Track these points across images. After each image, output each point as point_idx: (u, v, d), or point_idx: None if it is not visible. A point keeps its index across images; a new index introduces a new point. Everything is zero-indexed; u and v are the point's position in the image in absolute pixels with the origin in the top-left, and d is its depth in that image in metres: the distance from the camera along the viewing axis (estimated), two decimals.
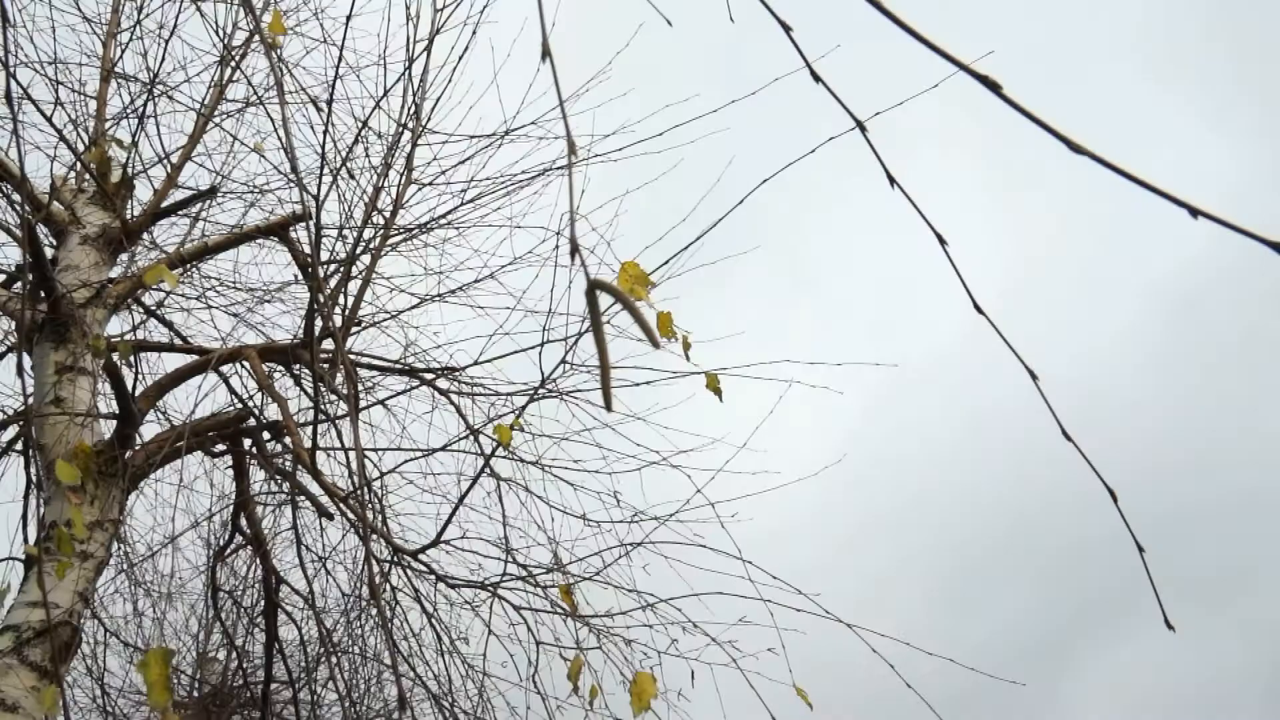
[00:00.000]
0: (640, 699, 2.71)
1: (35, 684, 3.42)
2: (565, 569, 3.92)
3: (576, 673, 3.19)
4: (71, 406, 3.84)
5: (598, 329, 0.74)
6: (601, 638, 4.33)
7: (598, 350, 0.75)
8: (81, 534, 3.32)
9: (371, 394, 4.66)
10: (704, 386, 3.22)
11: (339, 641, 4.88)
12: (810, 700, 3.09)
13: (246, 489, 4.12)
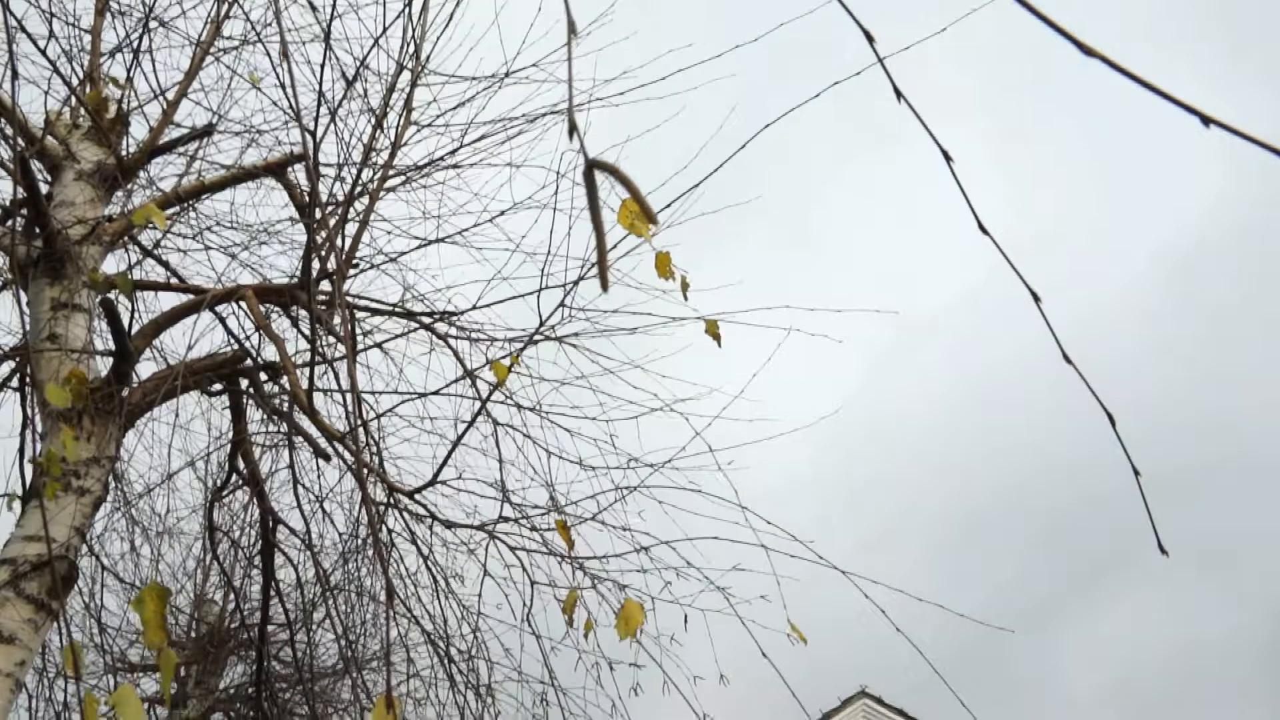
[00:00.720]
0: (628, 625, 2.73)
1: (32, 616, 3.43)
2: (562, 510, 3.93)
3: (571, 606, 3.21)
4: (67, 343, 3.82)
5: (595, 210, 0.72)
6: (596, 583, 4.36)
7: (595, 232, 0.73)
8: (73, 456, 3.31)
9: (369, 337, 4.65)
10: (703, 332, 3.20)
11: (336, 583, 4.90)
12: (804, 635, 3.10)
13: (244, 429, 4.12)
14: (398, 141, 4.25)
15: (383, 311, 4.49)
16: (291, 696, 7.10)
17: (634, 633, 2.76)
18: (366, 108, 4.32)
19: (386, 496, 3.95)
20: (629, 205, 2.23)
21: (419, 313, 4.46)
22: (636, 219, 2.08)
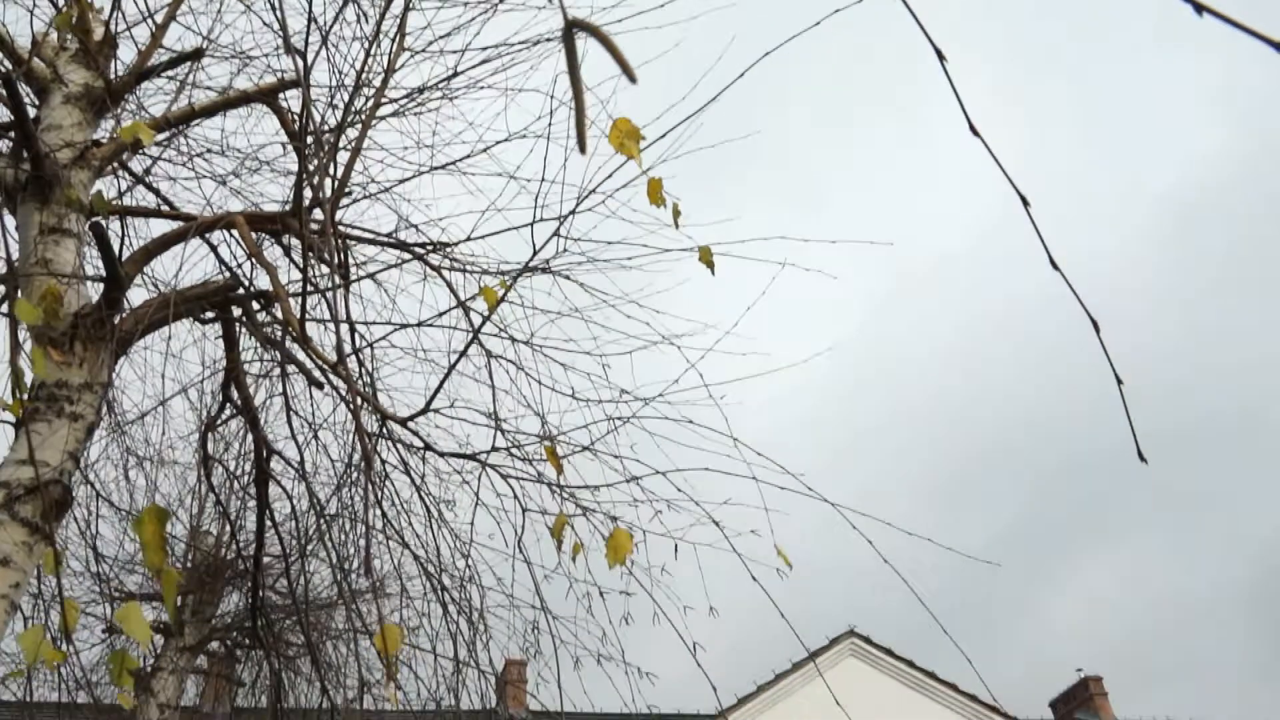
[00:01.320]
0: (617, 552, 2.75)
1: (26, 539, 3.46)
2: (554, 438, 3.94)
3: (560, 529, 3.23)
4: (57, 268, 3.80)
5: (574, 71, 0.70)
6: (587, 513, 4.39)
7: (574, 93, 0.72)
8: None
9: (362, 268, 4.62)
10: (697, 260, 3.18)
11: (330, 512, 4.93)
12: (789, 561, 3.13)
13: (236, 358, 4.11)
14: (390, 68, 4.19)
15: (376, 242, 4.47)
16: (287, 626, 7.19)
17: (623, 560, 2.78)
18: (359, 33, 4.25)
19: (379, 425, 3.96)
20: (620, 126, 2.20)
21: (412, 243, 4.43)
22: (626, 138, 2.05)
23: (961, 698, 18.16)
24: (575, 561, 3.42)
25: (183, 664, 6.97)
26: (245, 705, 8.36)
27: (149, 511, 2.40)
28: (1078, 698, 30.90)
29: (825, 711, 17.12)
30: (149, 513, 2.43)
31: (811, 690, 17.17)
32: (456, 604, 4.42)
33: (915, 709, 17.86)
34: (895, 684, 18.03)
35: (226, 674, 7.89)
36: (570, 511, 3.83)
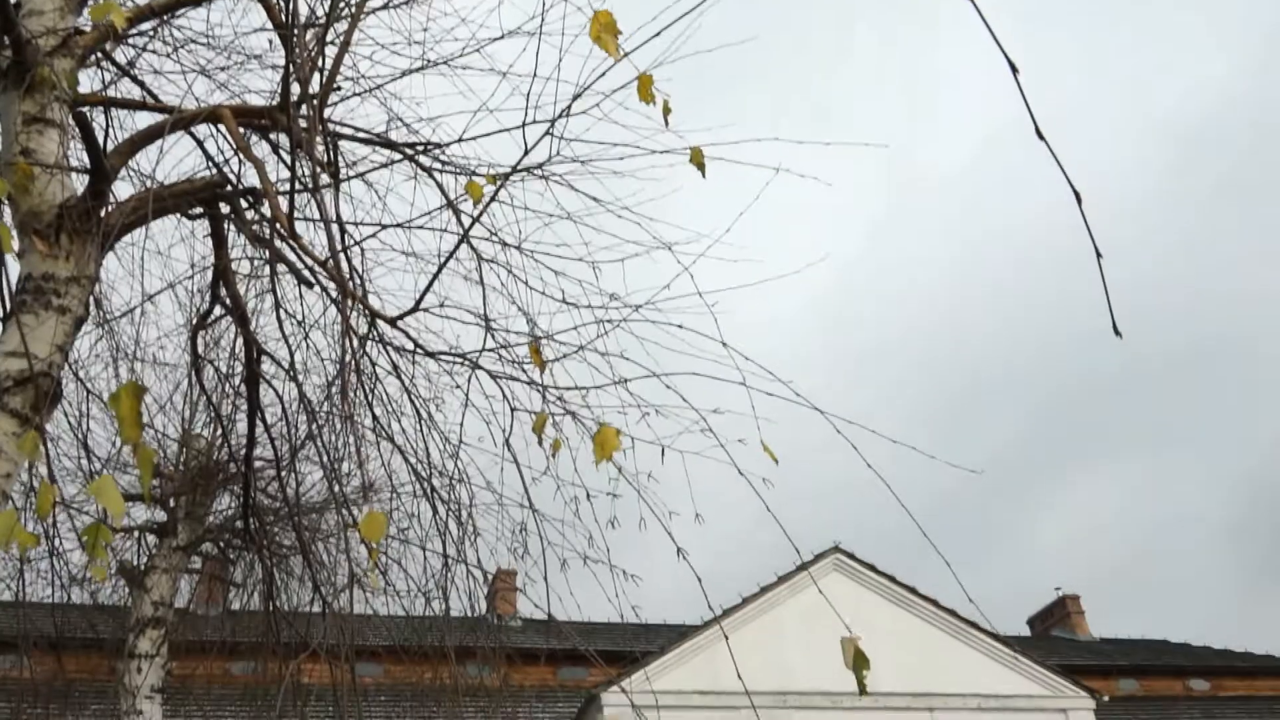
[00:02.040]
0: (603, 449, 2.77)
1: (15, 430, 3.48)
2: (540, 338, 3.94)
3: (541, 426, 3.26)
4: (39, 159, 3.75)
5: None
6: (576, 417, 4.42)
7: None
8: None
9: (352, 168, 4.56)
10: (689, 162, 3.14)
11: (321, 414, 4.95)
12: (775, 456, 3.16)
13: (225, 256, 4.08)
14: None
15: (365, 140, 4.40)
16: (279, 530, 7.28)
17: (609, 456, 2.80)
18: None
19: (368, 323, 3.95)
20: (599, 19, 2.15)
21: (402, 143, 4.37)
22: (604, 32, 2.01)
23: (942, 612, 18.56)
24: (556, 459, 3.45)
25: (176, 563, 7.07)
26: (239, 609, 8.51)
27: (126, 387, 2.41)
28: (1055, 615, 31.63)
29: (808, 623, 17.53)
30: (126, 388, 2.43)
31: (795, 603, 17.52)
32: (446, 504, 4.48)
33: (896, 622, 18.26)
34: (877, 598, 18.40)
35: (219, 574, 8.02)
36: (557, 413, 3.85)
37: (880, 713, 17.18)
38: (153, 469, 7.17)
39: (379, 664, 14.26)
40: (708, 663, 16.32)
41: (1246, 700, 27.09)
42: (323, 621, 4.96)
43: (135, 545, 7.43)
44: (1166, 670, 27.81)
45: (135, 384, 2.39)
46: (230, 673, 12.43)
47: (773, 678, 16.38)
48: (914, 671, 17.67)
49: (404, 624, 6.71)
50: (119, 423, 2.39)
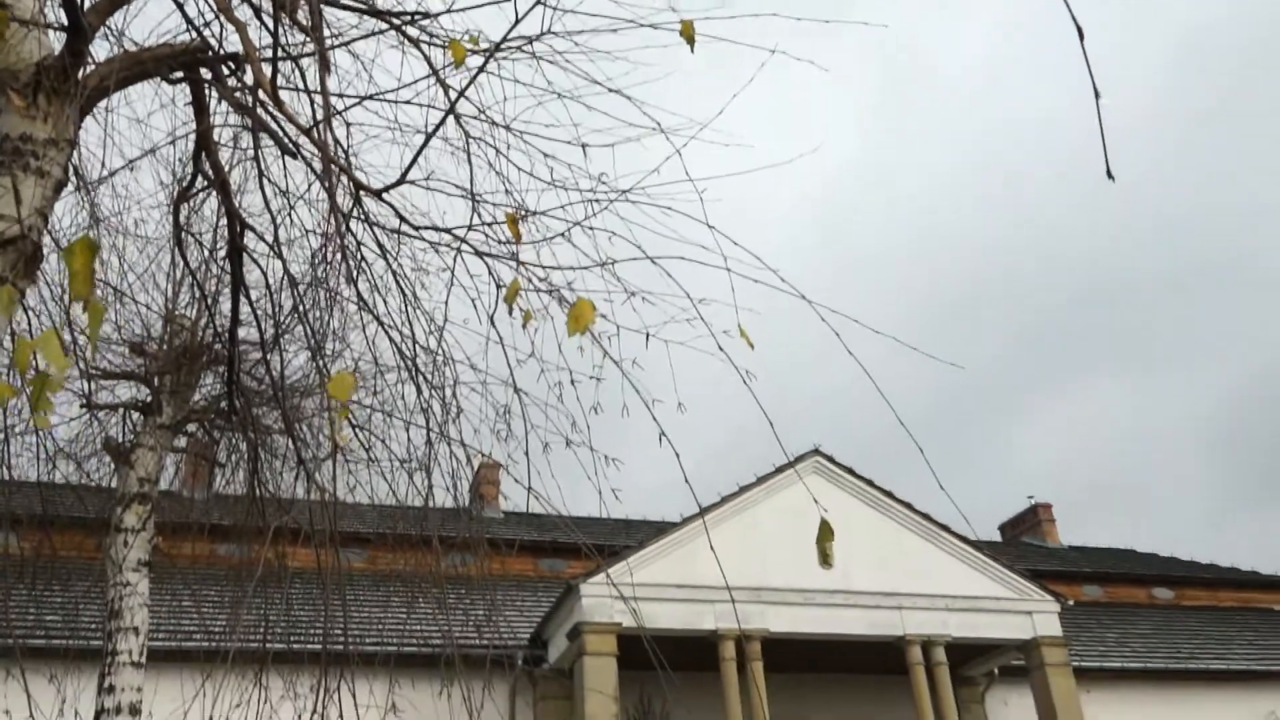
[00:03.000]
0: (578, 321, 2.77)
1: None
2: (528, 214, 3.91)
3: (514, 294, 3.25)
4: (17, 14, 3.64)
5: None
6: (562, 302, 4.42)
7: None
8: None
9: (337, 38, 4.45)
10: (679, 35, 3.07)
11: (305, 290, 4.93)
12: (751, 341, 3.18)
13: (206, 123, 4.01)
14: None
15: (350, 8, 4.28)
16: (264, 412, 7.32)
17: (584, 329, 2.80)
18: None
19: (353, 198, 3.91)
20: None
21: (389, 11, 4.26)
22: None
23: (916, 516, 18.94)
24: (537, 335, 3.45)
25: (161, 441, 7.11)
26: (225, 493, 8.60)
27: (80, 241, 2.38)
28: (1026, 522, 32.36)
29: (785, 523, 17.84)
30: (80, 242, 2.40)
31: (772, 504, 17.84)
32: (430, 384, 4.50)
33: (872, 525, 18.64)
34: (855, 501, 18.74)
35: (204, 454, 8.08)
36: (541, 291, 3.84)
37: (851, 610, 17.66)
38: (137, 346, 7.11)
39: (363, 550, 14.49)
40: (685, 558, 16.67)
41: (1208, 610, 27.96)
42: (306, 496, 5.02)
43: (120, 423, 7.46)
44: (1131, 579, 28.61)
45: (89, 239, 2.36)
46: (216, 553, 12.65)
47: (749, 574, 16.78)
48: (886, 572, 18.12)
49: (388, 512, 6.81)
50: (71, 278, 2.37)
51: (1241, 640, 25.12)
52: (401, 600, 16.23)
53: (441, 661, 6.03)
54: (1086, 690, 19.34)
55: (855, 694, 19.98)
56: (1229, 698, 22.48)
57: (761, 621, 16.73)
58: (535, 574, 22.58)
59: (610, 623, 16.25)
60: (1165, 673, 22.36)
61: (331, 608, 5.58)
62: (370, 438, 5.69)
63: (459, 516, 6.48)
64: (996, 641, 18.65)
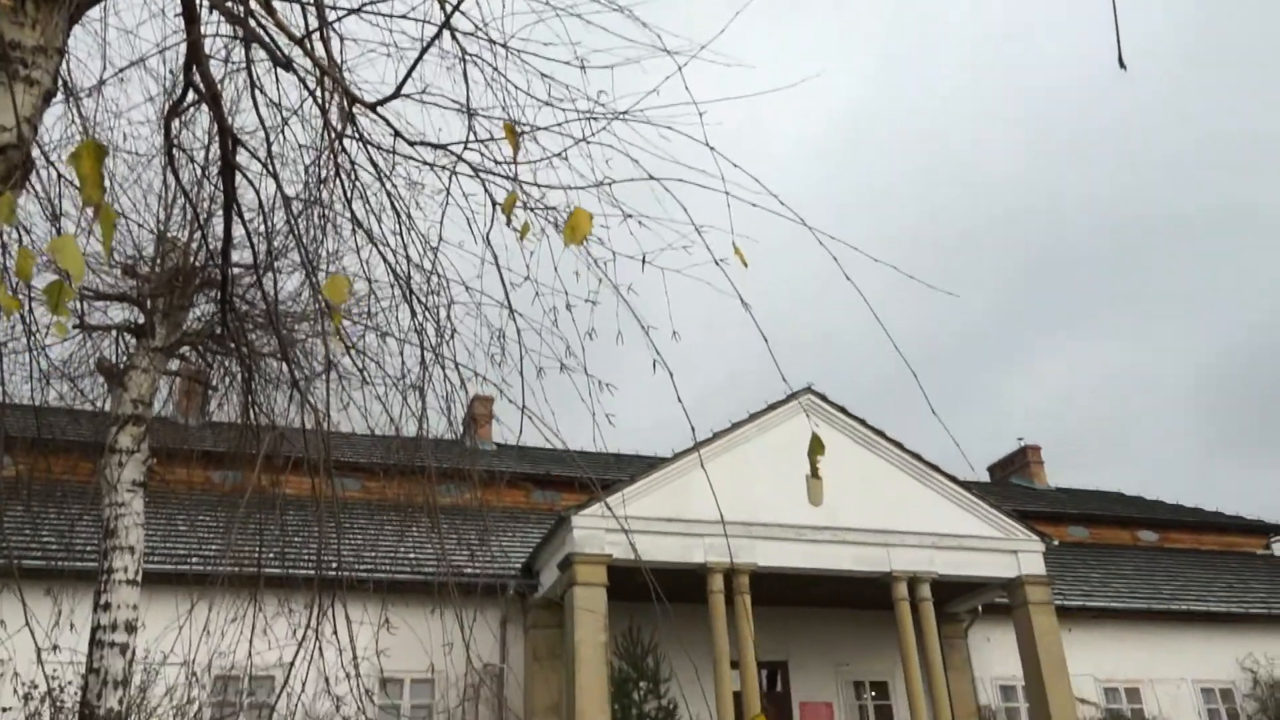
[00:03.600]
0: (574, 232, 2.75)
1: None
2: (524, 130, 3.87)
3: (510, 206, 3.23)
4: None
5: None
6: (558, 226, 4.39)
7: None
8: None
9: None
10: None
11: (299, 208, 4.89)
12: (745, 259, 3.16)
13: (196, 31, 3.93)
14: None
15: None
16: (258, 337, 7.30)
17: (580, 240, 2.78)
18: None
19: (347, 109, 3.85)
20: None
21: None
22: None
23: (907, 456, 19.10)
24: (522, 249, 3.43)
25: (155, 363, 7.10)
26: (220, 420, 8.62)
27: (86, 145, 2.33)
28: (1015, 464, 32.66)
29: (776, 460, 17.97)
30: (86, 146, 2.36)
31: (764, 441, 17.96)
32: (423, 305, 4.48)
33: (863, 463, 18.79)
34: (846, 439, 18.87)
35: (198, 379, 8.08)
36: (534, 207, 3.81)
37: (840, 546, 17.88)
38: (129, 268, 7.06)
39: (358, 479, 14.59)
40: (676, 493, 16.82)
41: (1191, 553, 28.35)
42: (300, 417, 5.03)
43: (114, 344, 7.44)
44: (1116, 520, 28.95)
45: (95, 142, 2.31)
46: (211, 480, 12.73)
47: (739, 510, 16.94)
48: (876, 510, 18.31)
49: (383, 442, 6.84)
50: (80, 182, 2.33)
51: (1222, 583, 25.53)
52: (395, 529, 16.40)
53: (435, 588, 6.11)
54: (1068, 628, 19.69)
55: (841, 628, 20.33)
56: (1207, 639, 22.90)
57: (750, 556, 16.94)
58: (528, 506, 22.79)
59: (601, 554, 16.44)
60: (1146, 613, 22.76)
61: (325, 530, 5.63)
62: (364, 359, 5.69)
63: (452, 448, 6.52)
64: (982, 579, 18.93)
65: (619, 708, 16.40)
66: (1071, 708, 18.03)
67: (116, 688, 6.51)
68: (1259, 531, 30.12)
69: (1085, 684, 20.76)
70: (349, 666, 4.88)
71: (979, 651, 21.13)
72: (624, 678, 16.77)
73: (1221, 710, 22.54)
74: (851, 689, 20.55)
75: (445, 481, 6.49)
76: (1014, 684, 20.60)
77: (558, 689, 17.53)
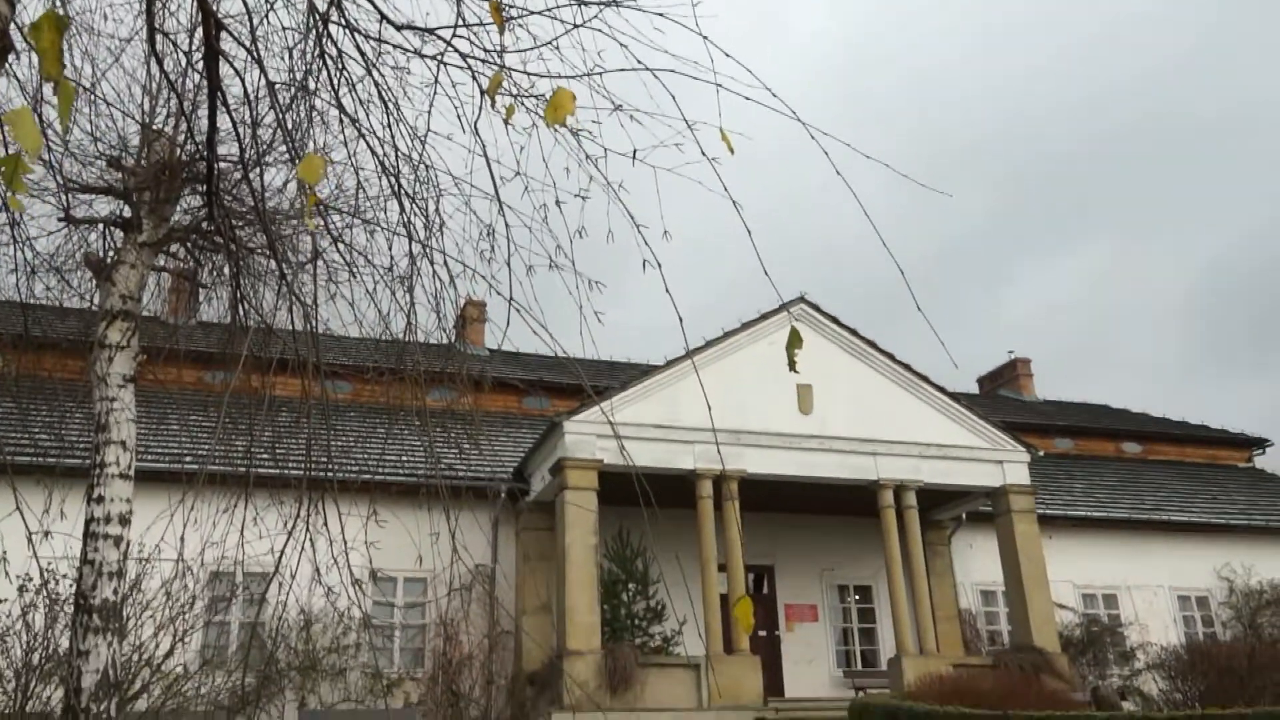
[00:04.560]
0: (556, 112, 2.70)
1: None
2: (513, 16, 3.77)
3: (495, 88, 3.16)
4: None
5: None
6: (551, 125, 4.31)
7: None
8: None
9: None
10: None
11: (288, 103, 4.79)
12: (732, 144, 3.10)
13: None
14: None
15: None
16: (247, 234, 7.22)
17: (563, 120, 2.72)
18: None
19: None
20: None
21: None
22: None
23: (897, 366, 19.19)
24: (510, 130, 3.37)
25: (143, 259, 7.04)
26: (209, 320, 8.59)
27: (46, 18, 2.25)
28: (1004, 376, 32.89)
29: (766, 368, 18.05)
30: (46, 18, 2.27)
31: (755, 350, 18.01)
32: (411, 198, 4.42)
33: (853, 373, 18.89)
34: (837, 349, 18.93)
35: (187, 275, 8.02)
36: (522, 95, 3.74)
37: (828, 454, 18.08)
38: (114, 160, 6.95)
39: (348, 383, 14.62)
40: (667, 400, 16.92)
41: (1175, 465, 28.77)
42: (288, 309, 5.00)
43: (101, 239, 7.36)
44: (1102, 432, 29.29)
45: (55, 14, 2.22)
46: (203, 381, 12.75)
47: (729, 418, 17.07)
48: (864, 419, 18.48)
49: (372, 346, 6.82)
50: (39, 56, 2.25)
51: (1205, 495, 25.97)
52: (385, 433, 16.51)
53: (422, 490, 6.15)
54: (1049, 536, 20.07)
55: (827, 534, 20.70)
56: (1187, 548, 23.39)
57: (739, 463, 17.13)
58: (519, 411, 22.94)
59: (592, 459, 16.62)
60: (1127, 522, 23.19)
61: (315, 421, 5.65)
62: (352, 253, 5.65)
63: (444, 352, 6.51)
64: (967, 488, 19.22)
65: (608, 608, 16.76)
66: (1050, 611, 18.49)
67: (111, 579, 6.60)
68: (1243, 445, 30.54)
69: (1064, 590, 21.26)
70: (339, 557, 4.95)
71: (961, 558, 21.58)
72: (613, 579, 17.10)
73: (1196, 616, 23.15)
74: (836, 592, 21.03)
75: (436, 385, 6.51)
76: (995, 589, 21.09)
77: (548, 589, 17.90)
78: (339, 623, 15.60)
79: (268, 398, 6.77)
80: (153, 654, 9.84)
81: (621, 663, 15.60)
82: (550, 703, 15.78)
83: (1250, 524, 24.21)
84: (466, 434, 7.16)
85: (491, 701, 17.50)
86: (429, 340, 5.83)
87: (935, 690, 13.10)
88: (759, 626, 19.72)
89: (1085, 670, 20.23)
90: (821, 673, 20.05)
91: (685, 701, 15.92)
